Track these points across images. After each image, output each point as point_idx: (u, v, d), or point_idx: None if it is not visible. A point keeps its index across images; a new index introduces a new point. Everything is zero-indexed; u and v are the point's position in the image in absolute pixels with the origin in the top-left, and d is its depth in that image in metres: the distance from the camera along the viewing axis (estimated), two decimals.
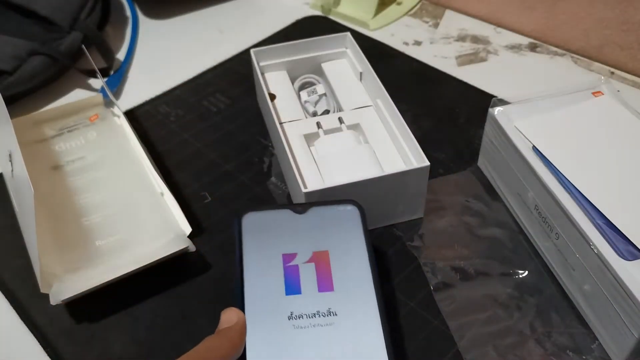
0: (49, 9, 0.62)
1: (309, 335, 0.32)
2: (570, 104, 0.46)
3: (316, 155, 0.48)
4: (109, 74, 0.65)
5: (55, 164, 0.51)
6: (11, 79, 0.58)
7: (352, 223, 0.38)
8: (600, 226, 0.37)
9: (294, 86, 0.55)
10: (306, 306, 0.34)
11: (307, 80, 0.56)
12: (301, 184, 0.43)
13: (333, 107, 0.53)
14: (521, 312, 0.40)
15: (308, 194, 0.41)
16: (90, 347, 0.40)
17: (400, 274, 0.43)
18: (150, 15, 0.76)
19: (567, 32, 0.64)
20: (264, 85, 0.53)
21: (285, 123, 0.50)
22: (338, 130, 0.50)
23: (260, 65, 0.56)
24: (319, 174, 0.46)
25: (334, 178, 0.45)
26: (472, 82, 0.61)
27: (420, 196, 0.45)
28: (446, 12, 0.72)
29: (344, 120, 0.50)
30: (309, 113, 0.53)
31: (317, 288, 0.34)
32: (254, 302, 0.34)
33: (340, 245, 0.37)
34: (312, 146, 0.49)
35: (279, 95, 0.54)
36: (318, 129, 0.50)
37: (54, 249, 0.44)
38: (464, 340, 0.39)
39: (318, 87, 0.55)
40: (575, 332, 0.39)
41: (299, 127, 0.50)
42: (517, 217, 0.46)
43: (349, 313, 0.33)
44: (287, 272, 0.35)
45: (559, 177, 0.40)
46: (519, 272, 0.43)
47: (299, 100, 0.54)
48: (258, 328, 0.33)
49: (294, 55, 0.57)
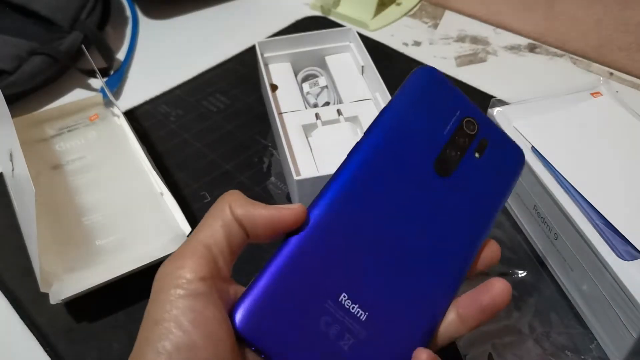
0: (50, 9, 0.62)
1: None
2: (569, 104, 0.46)
3: (312, 145, 0.48)
4: (109, 74, 0.65)
5: (55, 163, 0.51)
6: (12, 78, 0.58)
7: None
8: (599, 226, 0.37)
9: (297, 78, 0.56)
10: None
11: (310, 72, 0.57)
12: (294, 172, 0.43)
13: (334, 99, 0.54)
14: (520, 312, 0.40)
15: (299, 181, 0.42)
16: (90, 346, 0.40)
17: None
18: (150, 15, 0.76)
19: (566, 33, 0.65)
20: (265, 76, 0.54)
21: (285, 113, 0.51)
22: (336, 122, 0.50)
23: (265, 56, 0.57)
24: (313, 163, 0.47)
25: (328, 167, 0.45)
26: (471, 82, 0.61)
27: None
28: (445, 13, 0.72)
29: (342, 112, 0.51)
30: (310, 105, 0.54)
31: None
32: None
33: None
34: (310, 137, 0.50)
35: (282, 86, 0.55)
36: (316, 120, 0.50)
37: (54, 248, 0.44)
38: (463, 339, 0.39)
39: (320, 79, 0.55)
40: (573, 332, 0.39)
41: (299, 118, 0.51)
42: (516, 217, 0.46)
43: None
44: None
45: (558, 178, 0.40)
46: (518, 272, 0.43)
47: (300, 91, 0.54)
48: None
49: (298, 48, 0.57)
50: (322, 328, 0.25)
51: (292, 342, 0.25)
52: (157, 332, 0.23)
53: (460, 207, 0.28)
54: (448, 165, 0.29)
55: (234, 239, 0.25)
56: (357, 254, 0.26)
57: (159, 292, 0.24)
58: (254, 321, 0.24)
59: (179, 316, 0.23)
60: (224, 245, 0.25)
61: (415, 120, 0.29)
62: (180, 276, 0.24)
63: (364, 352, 0.25)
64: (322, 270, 0.26)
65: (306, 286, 0.25)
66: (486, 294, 0.27)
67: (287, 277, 0.25)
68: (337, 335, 0.25)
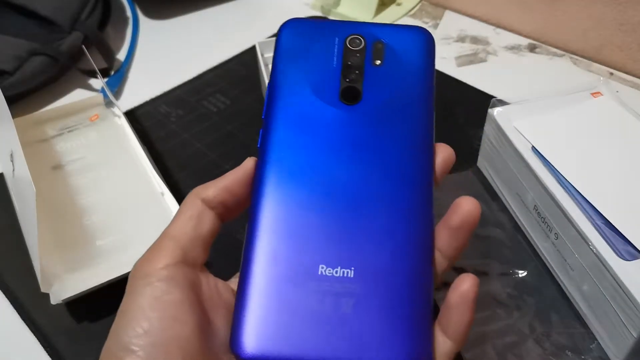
0: (50, 9, 0.62)
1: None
2: (570, 104, 0.46)
3: None
4: (109, 74, 0.65)
5: (55, 163, 0.51)
6: (12, 79, 0.58)
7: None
8: (599, 226, 0.37)
9: None
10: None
11: None
12: None
13: None
14: (520, 312, 0.40)
15: None
16: (91, 346, 0.40)
17: None
18: (150, 15, 0.76)
19: (567, 33, 0.65)
20: (266, 76, 0.54)
21: None
22: None
23: (265, 56, 0.57)
24: None
25: None
26: (471, 82, 0.61)
27: None
28: (446, 13, 0.72)
29: None
30: None
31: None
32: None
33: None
34: None
35: None
36: None
37: (55, 248, 0.44)
38: None
39: None
40: (574, 331, 0.39)
41: None
42: (517, 217, 0.46)
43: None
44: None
45: (558, 178, 0.40)
46: (518, 272, 0.43)
47: None
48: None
49: None
50: (319, 308, 0.24)
51: (299, 339, 0.24)
52: (123, 322, 0.23)
53: (391, 121, 0.27)
54: (354, 90, 0.27)
55: (205, 226, 0.26)
56: (315, 219, 0.25)
57: (128, 287, 0.25)
58: (252, 341, 0.23)
59: (142, 304, 0.24)
60: (193, 234, 0.26)
61: (301, 70, 0.28)
62: (145, 268, 0.25)
63: (371, 302, 0.24)
64: (291, 257, 0.25)
65: (285, 280, 0.24)
66: (454, 216, 0.25)
67: (263, 283, 0.25)
68: (335, 305, 0.24)
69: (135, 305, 0.24)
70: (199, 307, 0.25)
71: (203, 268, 0.26)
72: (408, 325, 0.24)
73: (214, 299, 0.26)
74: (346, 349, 0.23)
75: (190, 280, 0.25)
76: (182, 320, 0.23)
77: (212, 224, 0.27)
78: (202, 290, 0.25)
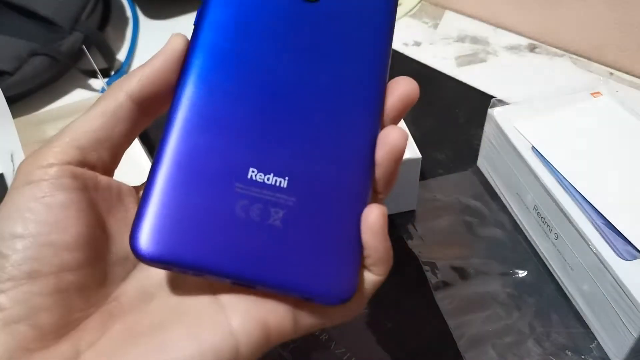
0: (50, 9, 0.62)
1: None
2: (570, 104, 0.46)
3: None
4: (109, 74, 0.65)
5: None
6: (12, 79, 0.58)
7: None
8: (599, 226, 0.37)
9: None
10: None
11: None
12: None
13: None
14: (520, 312, 0.40)
15: None
16: None
17: (399, 273, 0.43)
18: (150, 15, 0.76)
19: (567, 33, 0.65)
20: None
21: None
22: None
23: None
24: None
25: None
26: (471, 82, 0.61)
27: (412, 188, 0.46)
28: (446, 13, 0.72)
29: None
30: None
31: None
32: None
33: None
34: None
35: None
36: None
37: None
38: (464, 339, 0.39)
39: None
40: (574, 331, 0.39)
41: None
42: (517, 217, 0.46)
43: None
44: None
45: (558, 178, 0.40)
46: (518, 272, 0.43)
47: None
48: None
49: None
50: (243, 215, 0.21)
51: (214, 245, 0.21)
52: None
53: (348, 25, 0.24)
54: None
55: (119, 125, 0.23)
56: (250, 117, 0.22)
57: (11, 185, 0.22)
58: (156, 240, 0.20)
59: (19, 205, 0.21)
60: (99, 134, 0.23)
61: None
62: (30, 165, 0.22)
63: (302, 216, 0.22)
64: (216, 153, 0.22)
65: (205, 177, 0.21)
66: (391, 98, 0.24)
67: (178, 174, 0.21)
68: (262, 214, 0.21)
69: (13, 205, 0.21)
70: (90, 212, 0.22)
71: (111, 179, 0.24)
72: (335, 254, 0.22)
73: (113, 204, 0.23)
74: (263, 268, 0.21)
75: (82, 183, 0.22)
76: (63, 226, 0.21)
77: (130, 124, 0.23)
78: (98, 195, 0.23)
